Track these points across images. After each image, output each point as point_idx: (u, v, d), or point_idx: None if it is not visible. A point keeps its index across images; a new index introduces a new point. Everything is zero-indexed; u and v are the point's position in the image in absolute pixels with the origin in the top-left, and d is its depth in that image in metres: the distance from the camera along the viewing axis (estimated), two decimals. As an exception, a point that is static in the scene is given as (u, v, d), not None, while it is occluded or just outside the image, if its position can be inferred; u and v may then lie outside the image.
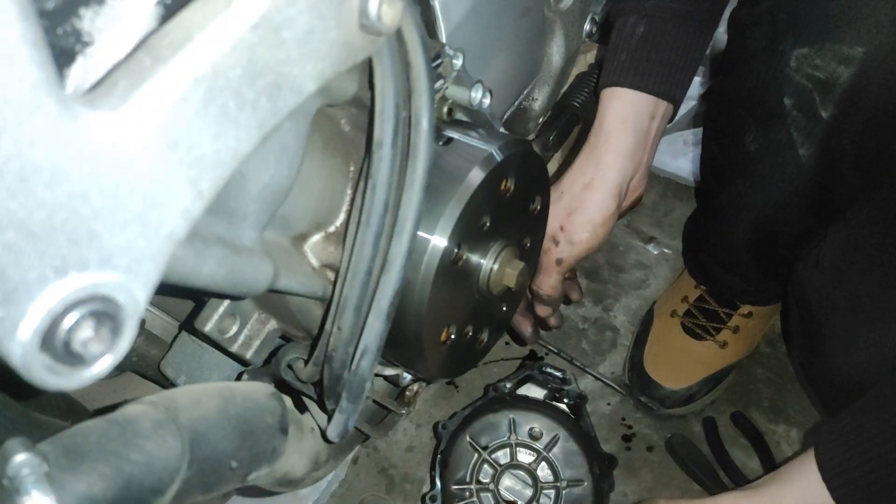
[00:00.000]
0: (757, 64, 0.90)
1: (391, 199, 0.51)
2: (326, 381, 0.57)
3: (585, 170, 0.89)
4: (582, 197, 0.88)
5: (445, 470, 1.02)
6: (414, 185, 0.51)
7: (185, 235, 0.36)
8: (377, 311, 0.53)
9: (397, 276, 0.52)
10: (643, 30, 0.88)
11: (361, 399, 0.56)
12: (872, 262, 0.87)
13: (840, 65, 0.80)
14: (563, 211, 0.89)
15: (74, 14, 0.36)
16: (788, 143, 0.90)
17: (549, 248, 0.90)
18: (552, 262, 0.91)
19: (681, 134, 1.57)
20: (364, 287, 0.52)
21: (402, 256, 0.52)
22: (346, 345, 0.54)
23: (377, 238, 0.51)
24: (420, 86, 0.49)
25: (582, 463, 0.99)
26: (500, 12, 0.79)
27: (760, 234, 1.05)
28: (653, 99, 0.88)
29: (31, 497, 0.35)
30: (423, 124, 0.50)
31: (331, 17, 0.40)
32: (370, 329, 0.53)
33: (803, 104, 0.86)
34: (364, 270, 0.52)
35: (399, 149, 0.50)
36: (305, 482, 0.63)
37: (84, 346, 0.32)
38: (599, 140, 0.89)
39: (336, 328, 0.54)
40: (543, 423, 0.99)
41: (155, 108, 0.34)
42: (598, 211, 0.88)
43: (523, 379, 1.05)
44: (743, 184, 1.01)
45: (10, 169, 0.29)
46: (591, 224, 0.88)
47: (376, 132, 0.49)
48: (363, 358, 0.54)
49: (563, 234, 0.89)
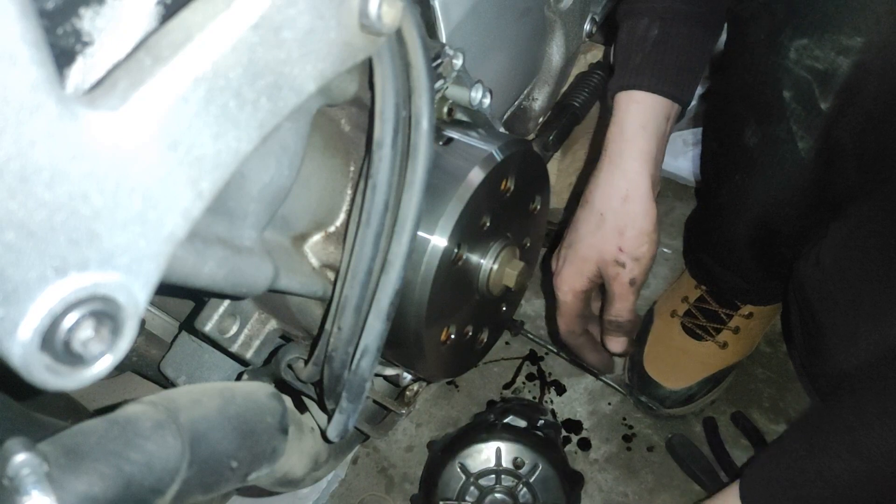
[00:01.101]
0: (756, 57, 0.90)
1: (391, 198, 0.51)
2: (326, 380, 0.57)
3: (617, 183, 0.88)
4: (625, 212, 0.87)
5: (435, 488, 1.09)
6: (414, 185, 0.51)
7: (185, 235, 0.36)
8: (377, 311, 0.53)
9: (397, 276, 0.52)
10: (657, 32, 0.88)
11: (362, 399, 0.56)
12: (874, 259, 0.86)
13: (839, 55, 0.80)
14: (612, 232, 0.88)
15: (74, 14, 0.36)
16: (788, 136, 0.90)
17: (618, 273, 0.89)
18: (625, 286, 0.90)
19: (681, 134, 1.57)
20: (364, 287, 0.52)
21: (403, 256, 0.52)
22: (347, 345, 0.54)
23: (377, 238, 0.51)
24: (420, 86, 0.49)
25: (558, 487, 1.08)
26: (500, 12, 0.79)
27: (761, 232, 1.05)
28: (668, 101, 0.88)
29: (31, 497, 0.35)
30: (424, 124, 0.50)
31: (331, 17, 0.40)
32: (370, 329, 0.53)
33: (803, 96, 0.86)
34: (364, 270, 0.52)
35: (399, 149, 0.49)
36: (305, 482, 0.63)
37: (84, 346, 0.32)
38: (622, 147, 0.88)
39: (336, 328, 0.54)
40: (526, 454, 1.08)
41: (155, 107, 0.34)
42: (646, 220, 0.87)
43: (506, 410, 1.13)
44: (742, 180, 1.01)
45: (10, 169, 0.29)
46: (646, 234, 0.88)
47: (376, 132, 0.49)
48: (363, 358, 0.54)
49: (625, 255, 0.88)
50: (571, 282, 0.92)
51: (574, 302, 0.94)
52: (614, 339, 0.95)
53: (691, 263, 1.30)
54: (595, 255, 0.90)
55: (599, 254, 0.90)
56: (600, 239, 0.89)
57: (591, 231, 0.90)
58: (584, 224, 0.91)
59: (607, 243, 0.88)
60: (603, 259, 0.89)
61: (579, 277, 0.92)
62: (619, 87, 0.89)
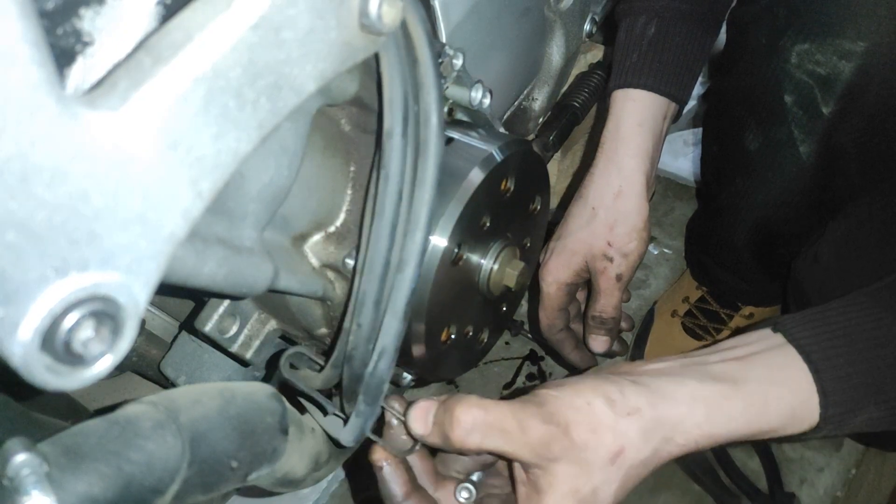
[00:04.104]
0: (757, 61, 0.90)
1: (404, 189, 0.50)
2: (346, 381, 0.56)
3: (610, 179, 0.88)
4: (617, 207, 0.88)
5: None
6: (426, 182, 0.50)
7: (185, 235, 0.36)
8: (394, 311, 0.52)
9: (413, 274, 0.51)
10: (654, 30, 0.88)
11: (379, 401, 0.55)
12: (873, 256, 0.86)
13: (841, 60, 0.80)
14: (603, 227, 0.88)
15: (75, 14, 0.36)
16: (789, 140, 0.90)
17: (605, 267, 0.89)
18: (612, 281, 0.89)
19: (681, 134, 1.57)
20: (382, 281, 0.51)
21: (418, 253, 0.51)
22: (367, 342, 0.53)
23: (392, 229, 0.50)
24: (428, 81, 0.48)
25: None
26: (500, 12, 0.79)
27: (761, 234, 1.05)
28: (665, 100, 0.88)
29: (31, 497, 0.35)
30: (433, 120, 0.49)
31: (331, 17, 0.40)
32: (387, 329, 0.52)
33: (804, 101, 0.86)
34: (381, 263, 0.51)
35: (409, 138, 0.49)
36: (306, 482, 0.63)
37: (84, 347, 0.32)
38: (618, 145, 0.88)
39: (356, 325, 0.53)
40: None
41: (155, 108, 0.34)
42: (637, 216, 0.87)
43: None
44: (743, 183, 1.01)
45: (10, 169, 0.29)
46: (636, 231, 0.88)
47: (386, 122, 0.49)
48: (381, 359, 0.53)
49: (613, 250, 0.88)
50: (557, 273, 0.92)
51: (557, 294, 0.93)
52: (597, 338, 0.94)
53: (693, 265, 1.30)
54: (583, 249, 0.90)
55: (588, 247, 0.89)
56: (590, 233, 0.89)
57: (581, 225, 0.90)
58: (575, 218, 0.91)
59: (597, 237, 0.88)
60: (591, 253, 0.89)
61: (565, 270, 0.91)
62: (616, 86, 0.89)
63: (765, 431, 0.57)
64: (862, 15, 0.78)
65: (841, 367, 0.56)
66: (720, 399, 0.56)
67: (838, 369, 0.56)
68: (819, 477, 1.18)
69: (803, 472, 1.19)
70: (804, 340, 0.58)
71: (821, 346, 0.57)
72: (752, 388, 0.56)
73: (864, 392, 0.56)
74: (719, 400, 0.55)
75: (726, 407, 0.55)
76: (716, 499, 1.13)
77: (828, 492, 1.17)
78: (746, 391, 0.56)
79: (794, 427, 0.57)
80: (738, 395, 0.56)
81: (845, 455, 1.21)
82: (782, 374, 0.57)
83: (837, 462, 1.20)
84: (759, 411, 0.56)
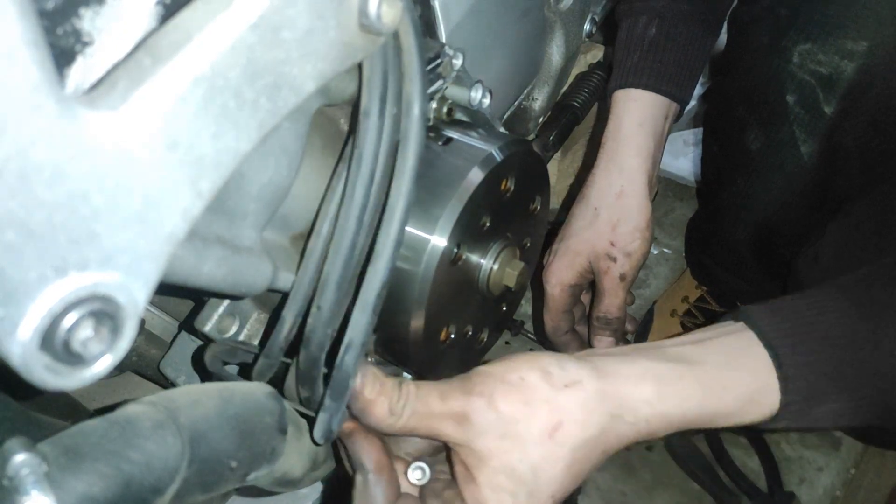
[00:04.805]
0: (758, 61, 0.90)
1: (377, 173, 0.48)
2: (302, 364, 0.53)
3: (612, 179, 0.88)
4: (619, 207, 0.87)
5: None
6: (404, 174, 0.48)
7: (184, 235, 0.36)
8: (363, 304, 0.49)
9: (385, 268, 0.49)
10: (655, 31, 0.88)
11: (346, 397, 0.52)
12: (871, 256, 0.86)
13: (843, 59, 0.80)
14: (606, 227, 0.88)
15: (74, 14, 0.36)
16: (790, 140, 0.90)
17: (609, 266, 0.88)
18: (615, 281, 0.89)
19: (681, 134, 1.57)
20: (347, 264, 0.49)
21: (391, 247, 0.49)
22: (325, 326, 0.50)
23: (361, 211, 0.48)
24: (412, 70, 0.47)
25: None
26: (500, 12, 0.79)
27: (762, 234, 1.05)
28: (666, 100, 0.88)
29: (30, 497, 0.35)
30: (415, 110, 0.48)
31: (330, 17, 0.40)
32: (355, 323, 0.50)
33: (806, 100, 0.86)
34: (348, 246, 0.48)
35: (387, 119, 0.47)
36: (304, 482, 0.63)
37: (84, 346, 0.32)
38: (619, 145, 0.88)
39: (315, 307, 0.50)
40: None
41: (155, 107, 0.34)
42: (640, 216, 0.87)
43: None
44: (744, 183, 1.01)
45: (10, 168, 0.29)
46: (639, 230, 0.88)
47: (363, 101, 0.47)
48: (347, 353, 0.50)
49: (616, 249, 0.88)
50: (560, 275, 0.92)
51: (562, 296, 0.93)
52: (602, 339, 0.94)
53: (693, 265, 1.30)
54: (587, 249, 0.90)
55: (591, 248, 0.89)
56: (593, 233, 0.89)
57: (584, 226, 0.90)
58: (578, 219, 0.91)
59: (599, 237, 0.88)
60: (594, 253, 0.89)
61: (569, 271, 0.91)
62: (617, 86, 0.89)
63: (721, 415, 0.54)
64: (864, 14, 0.78)
65: (802, 354, 0.54)
66: (673, 378, 0.53)
67: (799, 356, 0.54)
68: (818, 476, 1.19)
69: (802, 472, 1.19)
70: (765, 327, 0.55)
71: (782, 333, 0.55)
72: (708, 370, 0.54)
73: (826, 382, 0.54)
74: (672, 379, 0.53)
75: (679, 386, 0.53)
76: (715, 498, 1.13)
77: (827, 491, 1.17)
78: (701, 371, 0.54)
79: (752, 413, 0.55)
80: (693, 374, 0.53)
81: (844, 454, 1.21)
82: (741, 358, 0.55)
83: (837, 461, 1.20)
84: (714, 394, 0.53)
